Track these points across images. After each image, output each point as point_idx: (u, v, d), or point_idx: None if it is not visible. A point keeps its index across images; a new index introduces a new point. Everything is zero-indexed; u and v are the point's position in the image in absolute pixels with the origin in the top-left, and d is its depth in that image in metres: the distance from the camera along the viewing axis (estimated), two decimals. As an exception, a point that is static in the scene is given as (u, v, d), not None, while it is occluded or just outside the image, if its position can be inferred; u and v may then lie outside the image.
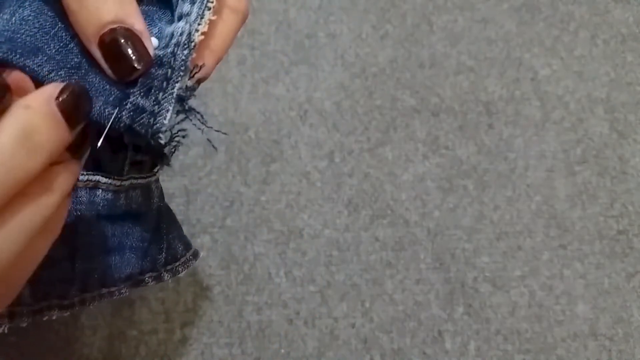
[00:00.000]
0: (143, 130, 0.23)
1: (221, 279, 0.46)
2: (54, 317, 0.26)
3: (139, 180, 0.27)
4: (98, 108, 0.23)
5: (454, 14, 0.58)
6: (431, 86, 0.54)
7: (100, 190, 0.26)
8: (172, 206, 0.48)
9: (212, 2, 0.24)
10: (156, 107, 0.23)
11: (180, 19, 0.24)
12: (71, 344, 0.42)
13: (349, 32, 0.56)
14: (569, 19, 0.58)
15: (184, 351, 0.43)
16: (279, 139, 0.51)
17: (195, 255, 0.30)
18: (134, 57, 0.22)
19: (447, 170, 0.51)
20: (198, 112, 0.25)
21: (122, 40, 0.22)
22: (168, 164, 0.27)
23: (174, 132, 0.24)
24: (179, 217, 0.49)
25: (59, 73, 0.23)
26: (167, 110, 0.23)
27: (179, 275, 0.29)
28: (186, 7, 0.24)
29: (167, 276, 0.29)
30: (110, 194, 0.26)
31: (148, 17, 0.25)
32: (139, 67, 0.22)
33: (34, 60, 0.23)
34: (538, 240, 0.49)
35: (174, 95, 0.23)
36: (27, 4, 0.24)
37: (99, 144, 0.23)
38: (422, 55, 0.56)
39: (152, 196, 0.28)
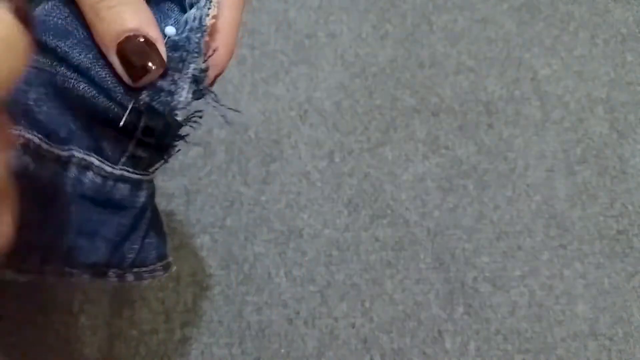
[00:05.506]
0: (161, 108, 0.25)
1: (221, 279, 0.46)
2: (8, 278, 0.25)
3: (131, 175, 0.27)
4: (121, 91, 0.25)
5: (454, 14, 0.58)
6: (431, 86, 0.54)
7: (91, 172, 0.26)
8: (172, 206, 0.49)
9: None
10: (173, 86, 0.25)
11: (191, 7, 0.26)
12: (71, 344, 0.42)
13: (349, 32, 0.56)
14: (569, 19, 0.58)
15: (184, 351, 0.43)
16: (279, 139, 0.51)
17: (166, 268, 0.30)
18: (149, 62, 0.24)
19: (447, 170, 0.51)
20: (213, 92, 0.27)
21: (139, 47, 0.23)
22: (167, 160, 0.28)
23: (190, 112, 0.26)
24: (179, 217, 0.49)
25: (88, 55, 0.25)
26: (183, 89, 0.25)
27: (144, 282, 0.29)
28: None
29: (131, 278, 0.29)
30: (99, 179, 0.26)
31: (161, 11, 0.27)
32: (154, 71, 0.24)
33: (65, 42, 0.25)
34: (538, 240, 0.49)
35: (189, 75, 0.25)
36: None
37: (122, 122, 0.25)
38: (422, 55, 0.56)
39: (140, 195, 0.28)
